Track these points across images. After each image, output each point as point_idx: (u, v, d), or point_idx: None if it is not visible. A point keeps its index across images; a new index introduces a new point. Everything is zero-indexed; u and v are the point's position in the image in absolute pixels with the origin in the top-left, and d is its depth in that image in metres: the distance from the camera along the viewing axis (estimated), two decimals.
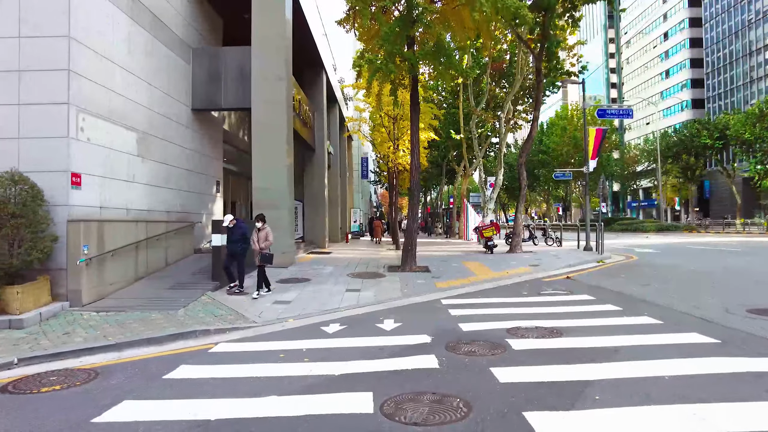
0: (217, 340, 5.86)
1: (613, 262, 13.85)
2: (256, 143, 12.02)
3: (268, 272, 11.04)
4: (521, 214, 16.91)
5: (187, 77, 12.19)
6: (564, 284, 9.63)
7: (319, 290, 9.05)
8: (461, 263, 13.32)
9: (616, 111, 17.15)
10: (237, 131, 17.03)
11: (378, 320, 6.59)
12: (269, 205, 11.76)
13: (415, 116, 11.66)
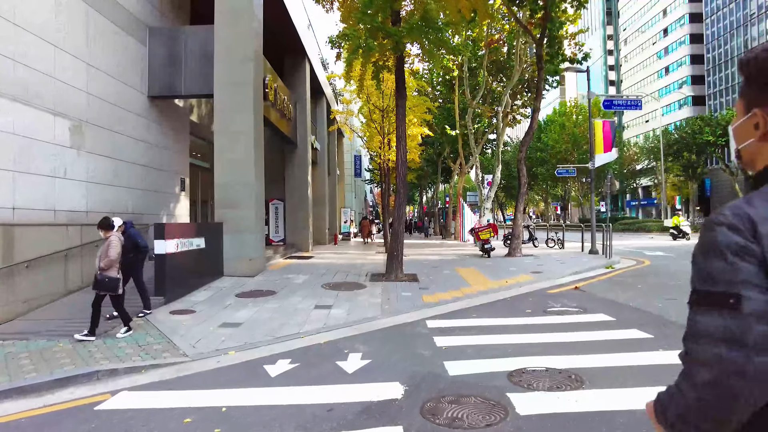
0: (120, 386, 4.38)
1: (624, 267, 12.41)
2: (218, 133, 10.53)
3: (229, 282, 9.61)
4: (521, 214, 15.47)
5: (141, 60, 10.68)
6: (573, 297, 8.17)
7: (282, 307, 7.57)
8: (454, 270, 11.86)
9: (624, 102, 15.72)
10: (208, 122, 15.45)
11: (342, 354, 5.12)
12: (232, 205, 10.31)
13: (401, 102, 10.19)
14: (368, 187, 62.64)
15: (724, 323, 0.83)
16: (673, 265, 12.71)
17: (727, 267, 0.84)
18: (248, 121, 10.43)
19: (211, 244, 9.78)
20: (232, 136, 10.41)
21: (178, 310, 7.31)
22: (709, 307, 0.86)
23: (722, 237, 0.86)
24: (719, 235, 0.86)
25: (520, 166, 15.51)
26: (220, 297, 8.38)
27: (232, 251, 10.30)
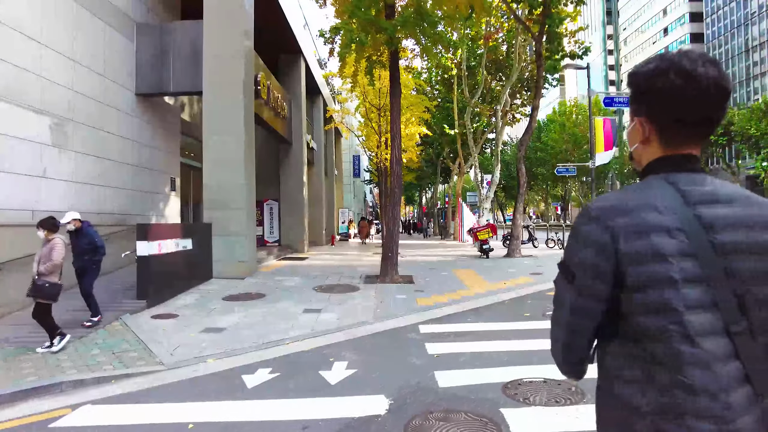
0: (86, 399, 4.06)
1: None
2: (207, 132, 10.21)
3: (217, 285, 9.28)
4: (520, 214, 15.15)
5: (129, 57, 10.38)
6: None
7: (270, 312, 7.25)
8: (452, 271, 11.54)
9: (625, 99, 15.38)
10: (200, 121, 15.09)
11: (326, 362, 4.80)
12: (222, 205, 10.00)
13: (395, 99, 9.88)
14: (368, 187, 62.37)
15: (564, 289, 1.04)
16: None
17: (577, 250, 1.02)
18: (238, 120, 10.12)
19: (200, 245, 9.47)
20: (222, 135, 10.10)
21: (160, 315, 6.99)
22: (561, 275, 1.06)
23: (585, 226, 1.01)
24: (581, 221, 1.03)
25: (519, 165, 15.20)
26: (207, 300, 8.07)
27: (221, 253, 9.99)
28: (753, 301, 0.95)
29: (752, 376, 0.94)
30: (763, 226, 0.96)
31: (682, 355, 0.93)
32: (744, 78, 56.92)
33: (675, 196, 0.99)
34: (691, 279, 0.94)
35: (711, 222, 0.96)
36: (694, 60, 0.98)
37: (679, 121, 1.01)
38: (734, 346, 0.94)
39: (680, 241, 0.94)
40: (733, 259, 0.95)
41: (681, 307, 0.93)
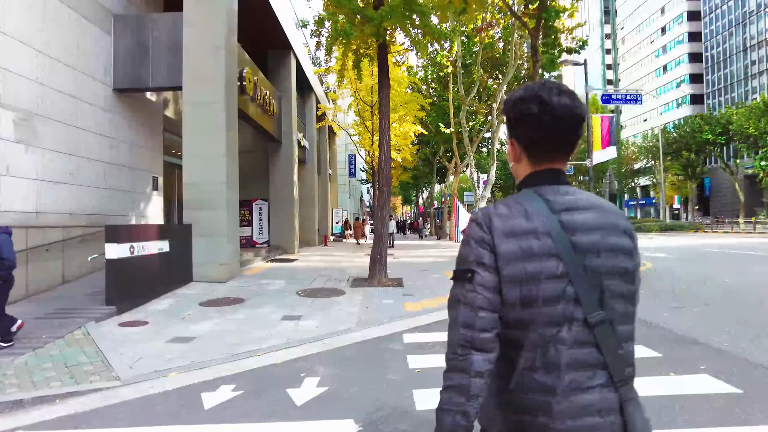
0: (21, 423, 3.62)
1: None
2: (187, 128, 9.76)
3: (196, 289, 8.82)
4: None
5: (105, 50, 9.92)
6: None
7: (247, 319, 6.81)
8: (444, 274, 11.11)
9: (623, 96, 15.01)
10: None
11: (296, 378, 4.37)
12: (202, 205, 9.56)
13: (383, 94, 9.45)
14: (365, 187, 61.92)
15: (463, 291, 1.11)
16: (677, 267, 11.97)
17: (470, 251, 1.12)
18: (220, 116, 9.67)
19: (178, 247, 9.03)
20: (202, 132, 9.65)
21: (129, 322, 6.54)
22: (457, 280, 1.13)
23: (472, 230, 1.15)
24: (471, 229, 1.15)
25: None
26: (182, 306, 7.62)
27: (202, 255, 9.54)
28: (610, 295, 1.08)
29: (609, 363, 1.06)
30: (615, 229, 1.12)
31: (533, 339, 1.07)
32: (742, 77, 56.64)
33: (542, 205, 1.12)
34: (553, 275, 1.06)
35: (572, 226, 1.09)
36: (550, 90, 1.13)
37: (540, 142, 1.16)
38: (593, 334, 1.06)
39: (546, 243, 1.07)
40: (591, 258, 1.08)
41: (539, 299, 1.06)
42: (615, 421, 1.05)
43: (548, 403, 1.05)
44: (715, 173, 55.96)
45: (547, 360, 1.06)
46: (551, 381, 1.05)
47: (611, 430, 1.05)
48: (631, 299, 1.12)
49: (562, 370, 1.05)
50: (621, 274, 1.10)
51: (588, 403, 1.04)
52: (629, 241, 1.13)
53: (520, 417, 1.09)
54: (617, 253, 1.10)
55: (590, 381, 1.05)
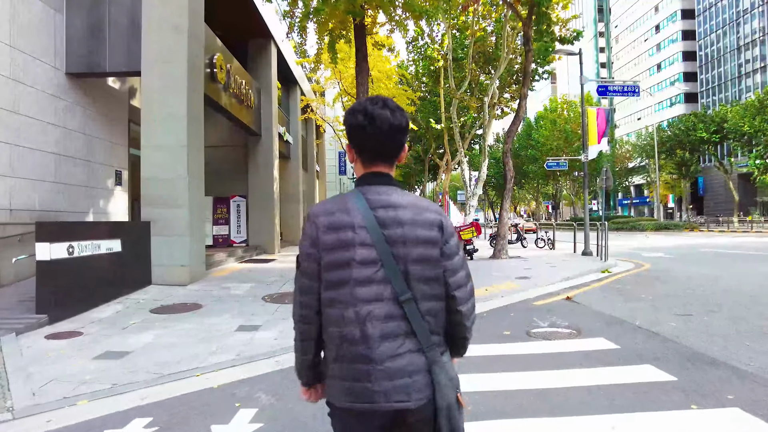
0: None
1: (622, 272, 10.94)
2: (145, 117, 8.89)
3: (152, 294, 7.92)
4: (507, 212, 13.99)
5: (55, 30, 9.04)
6: (565, 312, 6.64)
7: (197, 329, 5.97)
8: None
9: (620, 88, 14.27)
10: None
11: (229, 409, 3.54)
12: (162, 202, 8.69)
13: (361, 78, 8.63)
14: None
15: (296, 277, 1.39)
16: (678, 269, 11.24)
17: (301, 244, 1.37)
18: (181, 104, 8.80)
19: (134, 247, 8.16)
20: (163, 121, 8.78)
21: (59, 333, 5.68)
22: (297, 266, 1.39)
23: (305, 226, 1.37)
24: (305, 224, 1.37)
25: (505, 159, 14.04)
26: (130, 313, 6.77)
27: (161, 256, 8.68)
28: (415, 278, 1.29)
29: (417, 332, 1.28)
30: (422, 224, 1.32)
31: (347, 316, 1.28)
32: (736, 75, 56.29)
33: (363, 203, 1.32)
34: (365, 262, 1.28)
35: (385, 221, 1.30)
36: (375, 103, 1.34)
37: (366, 148, 1.37)
38: (402, 310, 1.28)
39: (362, 235, 1.28)
40: (400, 248, 1.29)
41: (352, 282, 1.28)
42: (423, 379, 1.27)
43: (367, 370, 1.26)
44: (709, 172, 55.63)
45: (364, 333, 1.26)
46: (368, 351, 1.26)
47: (419, 388, 1.26)
48: (437, 281, 1.33)
49: (376, 341, 1.26)
50: (425, 260, 1.31)
51: (400, 367, 1.26)
52: (437, 234, 1.33)
53: (348, 383, 1.28)
54: (423, 244, 1.31)
55: (401, 348, 1.27)
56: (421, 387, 1.26)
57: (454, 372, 1.34)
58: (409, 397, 1.24)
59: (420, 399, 1.25)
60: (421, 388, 1.26)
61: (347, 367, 1.27)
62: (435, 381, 1.27)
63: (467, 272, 1.40)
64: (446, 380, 1.28)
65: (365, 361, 1.25)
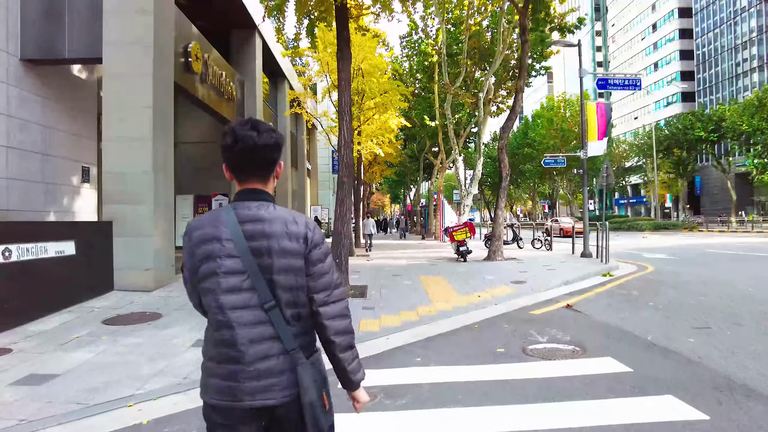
0: None
1: (625, 275, 10.26)
2: (107, 107, 8.12)
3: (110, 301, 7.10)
4: (502, 211, 13.28)
5: (8, 11, 8.24)
6: (565, 323, 5.94)
7: (148, 344, 5.22)
8: (418, 279, 9.60)
9: (621, 81, 13.59)
10: None
11: None
12: (125, 198, 7.93)
13: (343, 65, 7.90)
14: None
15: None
16: (684, 272, 10.56)
17: (183, 255, 1.48)
18: (146, 91, 8.03)
19: (92, 249, 7.41)
20: (125, 111, 8.01)
21: None
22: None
23: (184, 239, 1.49)
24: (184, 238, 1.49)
25: (501, 155, 13.34)
26: (78, 325, 6.01)
27: (124, 259, 7.92)
28: (280, 287, 1.40)
29: (282, 336, 1.39)
30: (287, 237, 1.42)
31: (219, 321, 1.39)
32: (733, 74, 55.85)
33: (232, 217, 1.43)
34: (232, 271, 1.38)
35: (251, 234, 1.41)
36: (244, 125, 1.44)
37: (236, 167, 1.48)
38: (268, 316, 1.39)
39: (228, 247, 1.39)
40: (265, 258, 1.40)
41: (219, 290, 1.38)
42: (289, 379, 1.39)
43: (237, 370, 1.36)
44: (706, 171, 55.20)
45: (235, 337, 1.36)
46: (238, 354, 1.36)
47: (284, 386, 1.38)
48: (301, 289, 1.44)
49: (246, 344, 1.36)
50: (289, 270, 1.42)
51: (268, 368, 1.37)
52: (301, 245, 1.43)
53: (218, 381, 1.38)
54: (287, 255, 1.41)
55: (269, 351, 1.38)
56: (286, 386, 1.38)
57: (321, 373, 1.45)
58: (274, 395, 1.37)
59: (285, 396, 1.38)
60: (286, 387, 1.38)
61: (220, 366, 1.39)
62: (299, 380, 1.38)
63: (332, 280, 1.49)
64: (310, 381, 1.39)
65: (235, 362, 1.37)
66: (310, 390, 1.37)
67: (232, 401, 1.36)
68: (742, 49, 54.91)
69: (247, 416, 1.37)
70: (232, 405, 1.36)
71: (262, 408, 1.37)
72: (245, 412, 1.36)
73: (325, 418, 1.41)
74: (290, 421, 1.41)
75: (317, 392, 1.39)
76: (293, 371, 1.38)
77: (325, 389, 1.44)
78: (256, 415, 1.38)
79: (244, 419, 1.38)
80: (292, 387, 1.38)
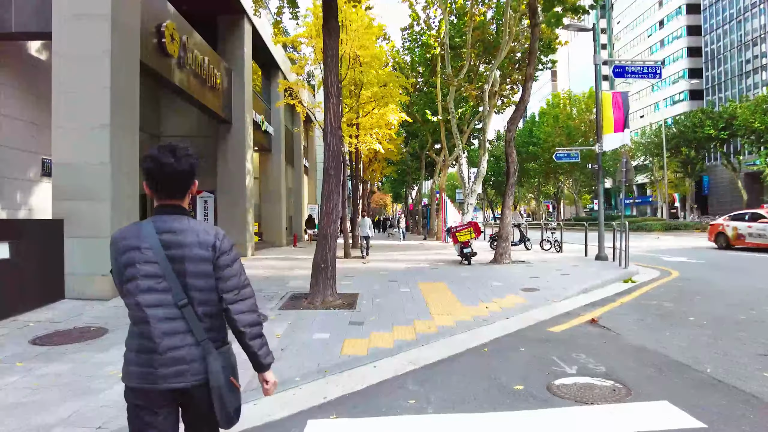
0: None
1: (649, 281, 9.15)
2: (56, 88, 7.06)
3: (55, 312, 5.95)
4: (510, 210, 12.19)
5: None
6: (594, 345, 4.85)
7: (75, 371, 4.15)
8: (417, 286, 8.52)
9: (639, 69, 12.46)
10: None
11: None
12: (78, 194, 6.88)
13: (330, 42, 6.82)
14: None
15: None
16: (714, 278, 9.44)
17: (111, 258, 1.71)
18: (102, 72, 6.98)
19: (36, 252, 6.36)
20: (78, 93, 6.97)
21: None
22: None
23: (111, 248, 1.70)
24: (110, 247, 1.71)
25: (508, 149, 12.24)
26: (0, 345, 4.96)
27: (78, 263, 6.89)
28: (192, 288, 1.64)
29: (194, 330, 1.63)
30: (198, 245, 1.65)
31: (137, 317, 1.63)
32: (743, 71, 54.51)
33: (151, 229, 1.66)
34: (150, 275, 1.62)
35: (167, 243, 1.64)
36: (164, 152, 1.65)
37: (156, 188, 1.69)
38: (181, 313, 1.62)
39: (147, 255, 1.62)
40: (179, 264, 1.63)
41: (138, 291, 1.61)
42: (198, 367, 1.62)
43: (153, 359, 1.59)
44: (714, 171, 53.92)
45: (151, 330, 1.59)
46: (154, 345, 1.59)
47: (195, 372, 1.62)
48: (211, 290, 1.67)
49: (160, 337, 1.59)
50: (200, 274, 1.65)
51: (180, 357, 1.60)
52: (210, 253, 1.66)
53: (138, 368, 1.61)
54: (197, 261, 1.65)
55: (181, 342, 1.61)
56: (197, 371, 1.63)
57: (230, 361, 1.71)
58: (185, 379, 1.61)
59: (195, 380, 1.62)
60: (197, 372, 1.63)
61: (139, 356, 1.62)
62: (208, 367, 1.63)
63: (240, 281, 1.72)
64: (218, 367, 1.64)
65: (152, 352, 1.60)
66: (218, 376, 1.63)
67: (149, 384, 1.60)
68: (752, 46, 53.57)
69: (162, 398, 1.63)
70: (149, 388, 1.60)
71: (176, 390, 1.62)
72: (161, 393, 1.61)
73: (232, 400, 1.68)
74: (202, 402, 1.66)
75: (225, 378, 1.65)
76: (204, 360, 1.63)
77: (233, 375, 1.70)
78: (170, 396, 1.64)
79: (160, 401, 1.63)
80: (203, 373, 1.63)
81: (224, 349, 1.68)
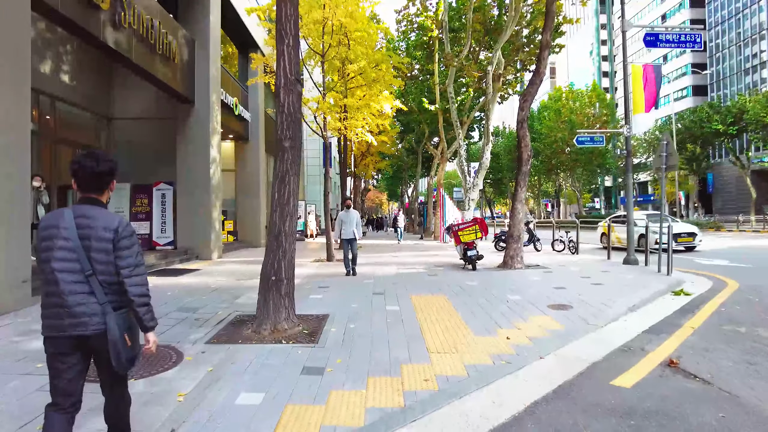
0: None
1: (709, 295, 7.14)
2: None
3: None
4: (522, 205, 10.17)
5: None
6: (697, 421, 2.84)
7: None
8: (410, 301, 6.47)
9: (676, 37, 10.45)
10: (55, 65, 9.78)
11: None
12: None
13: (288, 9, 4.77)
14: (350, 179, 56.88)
15: None
16: None
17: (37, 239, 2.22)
18: None
19: None
20: None
21: None
22: None
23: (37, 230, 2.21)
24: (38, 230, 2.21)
25: (521, 131, 10.22)
26: None
27: None
28: (96, 261, 2.15)
29: (95, 292, 2.14)
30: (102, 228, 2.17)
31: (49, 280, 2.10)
32: (750, 65, 52.72)
33: (70, 215, 2.17)
34: (64, 248, 2.11)
35: (80, 225, 2.16)
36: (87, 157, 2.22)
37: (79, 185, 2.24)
38: (87, 279, 2.13)
39: (64, 233, 2.13)
40: (87, 242, 2.15)
41: (53, 259, 2.10)
42: (98, 320, 2.12)
43: (60, 312, 2.09)
44: (720, 168, 52.16)
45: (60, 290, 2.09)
46: (61, 300, 2.08)
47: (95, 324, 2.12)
48: (111, 264, 2.17)
49: (67, 294, 2.09)
50: (103, 251, 2.16)
51: (83, 311, 2.10)
52: (111, 234, 2.18)
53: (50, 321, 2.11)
54: (101, 241, 2.16)
55: (84, 300, 2.11)
56: (96, 324, 2.12)
57: (125, 320, 2.20)
58: (87, 329, 2.11)
59: (95, 330, 2.12)
60: (96, 324, 2.12)
61: (50, 311, 2.11)
62: (107, 325, 2.13)
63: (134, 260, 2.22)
64: (114, 324, 2.13)
65: (60, 306, 2.09)
66: (114, 331, 2.12)
67: (58, 333, 2.09)
68: (760, 40, 51.78)
69: (70, 344, 2.12)
70: (57, 335, 2.10)
71: (80, 337, 2.11)
72: (68, 340, 2.11)
73: (126, 352, 2.18)
74: (102, 349, 2.15)
75: (120, 333, 2.15)
76: (103, 315, 2.13)
77: (128, 333, 2.20)
78: (76, 344, 2.13)
79: (69, 347, 2.12)
80: (101, 325, 2.12)
81: (121, 312, 2.20)
